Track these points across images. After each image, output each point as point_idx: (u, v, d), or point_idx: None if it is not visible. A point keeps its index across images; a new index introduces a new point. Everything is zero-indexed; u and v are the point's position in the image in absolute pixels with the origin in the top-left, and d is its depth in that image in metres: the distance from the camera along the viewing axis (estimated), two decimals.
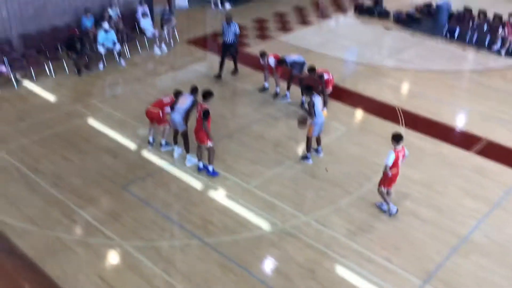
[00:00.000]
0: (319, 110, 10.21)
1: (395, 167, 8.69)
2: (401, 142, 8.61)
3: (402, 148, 8.68)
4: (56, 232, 8.44)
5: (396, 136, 8.63)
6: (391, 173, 8.70)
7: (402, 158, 8.74)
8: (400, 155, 8.65)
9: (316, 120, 10.14)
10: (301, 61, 12.64)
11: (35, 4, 14.50)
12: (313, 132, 10.30)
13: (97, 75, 14.14)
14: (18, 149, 10.65)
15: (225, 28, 13.74)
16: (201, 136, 9.72)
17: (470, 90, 14.21)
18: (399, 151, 8.62)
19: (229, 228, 8.70)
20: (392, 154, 8.55)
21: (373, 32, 18.19)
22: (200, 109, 9.58)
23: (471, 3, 19.73)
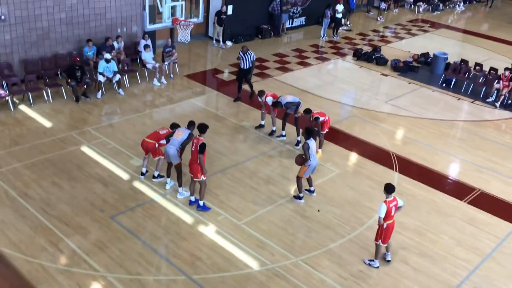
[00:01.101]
0: (314, 153, 10.26)
1: (389, 219, 8.54)
2: (392, 192, 8.51)
3: (394, 198, 8.56)
4: (40, 260, 8.25)
5: (388, 187, 8.53)
6: (386, 224, 8.54)
7: (395, 209, 8.60)
8: (393, 206, 8.51)
9: (310, 162, 10.17)
10: (296, 102, 12.77)
11: (38, 31, 14.67)
12: (305, 173, 10.30)
13: (95, 103, 14.17)
14: (9, 172, 10.54)
15: (241, 56, 14.84)
16: (195, 169, 9.66)
17: (464, 139, 14.32)
18: (390, 202, 8.49)
19: (217, 265, 8.54)
20: (384, 206, 8.41)
21: (371, 78, 18.45)
22: (197, 142, 9.56)
23: (467, 56, 20.17)
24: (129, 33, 17.03)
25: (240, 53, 14.91)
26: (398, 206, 8.70)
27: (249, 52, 14.82)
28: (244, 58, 14.81)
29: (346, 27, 24.34)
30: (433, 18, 28.58)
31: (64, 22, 15.18)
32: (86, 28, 15.75)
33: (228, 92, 15.80)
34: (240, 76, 15.20)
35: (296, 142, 12.79)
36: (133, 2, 16.74)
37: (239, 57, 14.99)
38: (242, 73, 15.12)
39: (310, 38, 22.46)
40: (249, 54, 14.77)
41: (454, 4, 31.96)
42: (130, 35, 17.08)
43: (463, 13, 31.22)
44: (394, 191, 8.54)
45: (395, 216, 8.68)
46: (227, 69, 17.83)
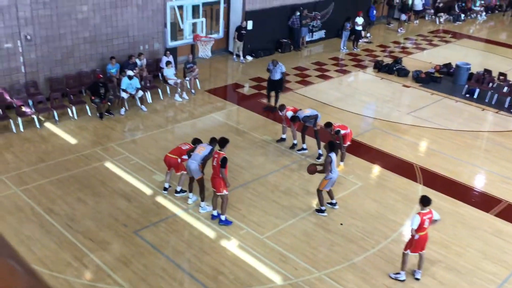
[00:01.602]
0: (335, 166, 10.27)
1: (422, 230, 8.39)
2: (428, 205, 8.39)
3: (429, 211, 8.43)
4: (65, 275, 8.35)
5: (423, 199, 8.44)
6: (418, 235, 8.40)
7: (429, 222, 8.44)
8: (427, 219, 8.36)
9: (331, 175, 10.17)
10: (314, 115, 12.75)
11: (63, 49, 15.02)
12: (325, 186, 10.30)
13: (118, 119, 14.39)
14: (35, 189, 10.74)
15: (271, 67, 15.40)
16: (217, 184, 9.70)
17: (489, 150, 14.08)
18: (425, 214, 8.35)
19: (240, 280, 8.52)
20: (417, 217, 8.29)
21: (392, 89, 18.34)
22: (218, 156, 9.61)
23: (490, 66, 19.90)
24: (151, 50, 17.31)
25: (270, 65, 15.45)
26: (433, 219, 8.51)
27: (279, 64, 15.38)
28: (274, 70, 15.35)
29: (366, 39, 24.30)
30: (454, 28, 28.33)
31: (88, 41, 15.52)
32: (109, 46, 16.07)
33: (249, 106, 15.88)
34: (270, 87, 15.79)
35: (318, 155, 12.75)
36: (155, 19, 17.05)
37: (269, 69, 15.46)
38: (271, 84, 15.67)
39: (330, 51, 22.48)
40: (279, 66, 15.32)
41: (475, 14, 31.65)
42: (152, 52, 17.36)
43: (485, 23, 30.88)
44: (429, 203, 8.42)
45: (428, 229, 8.52)
46: (247, 84, 17.95)
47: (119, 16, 16.02)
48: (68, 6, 14.69)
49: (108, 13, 15.71)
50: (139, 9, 16.46)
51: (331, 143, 10.43)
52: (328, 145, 10.35)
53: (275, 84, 15.62)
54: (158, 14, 17.05)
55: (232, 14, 20.17)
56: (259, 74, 18.76)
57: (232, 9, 20.15)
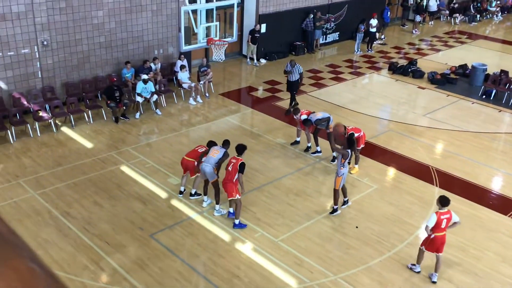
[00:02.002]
0: (346, 163, 10.28)
1: (439, 231, 8.34)
2: (446, 205, 8.33)
3: (448, 211, 8.37)
4: (82, 278, 8.43)
5: (441, 199, 8.40)
6: (433, 235, 8.37)
7: (447, 222, 8.37)
8: (444, 219, 8.30)
9: (343, 171, 10.16)
10: (326, 117, 12.70)
11: (79, 55, 15.20)
12: (340, 184, 10.26)
13: (133, 123, 14.51)
14: (52, 192, 10.87)
15: (289, 68, 15.47)
16: (230, 189, 9.72)
17: (507, 152, 13.89)
18: (442, 214, 8.30)
19: (255, 283, 8.51)
20: (434, 216, 8.26)
21: (407, 91, 18.21)
22: (236, 162, 9.64)
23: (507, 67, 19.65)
24: (166, 54, 17.43)
25: (288, 65, 15.54)
26: (452, 221, 8.42)
27: (297, 65, 15.47)
28: (292, 71, 15.45)
29: (381, 41, 24.18)
30: (470, 29, 28.05)
31: (104, 46, 15.69)
32: (125, 51, 16.22)
33: (263, 109, 15.89)
34: (291, 89, 15.96)
35: (332, 158, 12.70)
36: (169, 24, 17.17)
37: (286, 71, 15.58)
38: (290, 85, 15.83)
39: (344, 53, 22.41)
40: (297, 67, 15.44)
41: (491, 15, 31.31)
42: (167, 56, 17.48)
43: (501, 23, 30.52)
44: (448, 204, 8.36)
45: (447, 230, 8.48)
46: (261, 87, 17.96)
47: (134, 21, 16.17)
48: (83, 12, 14.87)
49: (123, 18, 15.87)
50: (153, 14, 16.60)
51: (350, 140, 10.40)
52: (347, 141, 10.36)
53: (292, 85, 15.76)
54: (172, 19, 17.17)
55: (246, 18, 20.22)
56: (273, 77, 18.78)
57: (246, 12, 20.21)
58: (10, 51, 13.77)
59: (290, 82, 15.76)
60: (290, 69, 15.46)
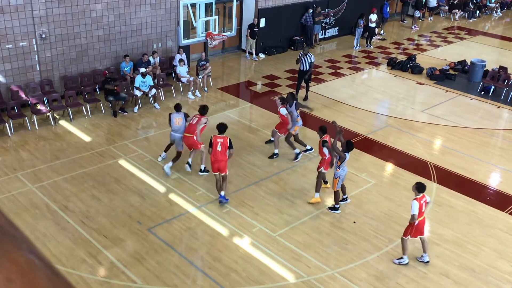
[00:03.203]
0: (344, 165, 10.11)
1: (421, 215, 8.71)
2: (423, 191, 8.70)
3: (423, 195, 8.73)
4: (80, 272, 8.44)
5: (419, 185, 8.75)
6: (417, 221, 8.70)
7: (425, 206, 8.77)
8: (423, 203, 8.68)
9: (339, 172, 10.08)
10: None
11: (77, 48, 15.15)
12: (337, 185, 10.20)
13: (132, 117, 14.48)
14: (50, 186, 10.86)
15: (302, 58, 15.61)
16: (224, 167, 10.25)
17: (505, 148, 13.91)
18: (421, 199, 8.66)
19: (252, 277, 8.54)
20: (416, 203, 8.59)
21: (406, 87, 18.20)
22: (223, 140, 10.19)
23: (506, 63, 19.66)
24: (164, 48, 17.39)
25: (300, 54, 15.75)
26: (427, 202, 8.85)
27: (309, 54, 15.59)
28: (304, 60, 15.55)
29: (380, 36, 24.15)
30: (469, 25, 28.02)
31: (102, 39, 15.64)
32: (123, 44, 16.17)
33: (261, 104, 15.88)
34: (300, 78, 15.96)
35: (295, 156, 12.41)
36: (168, 18, 17.11)
37: (299, 59, 15.70)
38: (301, 75, 15.87)
39: (343, 48, 22.37)
40: (309, 56, 15.56)
41: (491, 10, 31.27)
42: (165, 50, 17.43)
43: (501, 19, 30.50)
44: (425, 190, 8.72)
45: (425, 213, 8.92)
46: (260, 82, 17.94)
47: (132, 15, 16.11)
48: (82, 5, 14.80)
49: (122, 12, 15.81)
50: (152, 7, 16.54)
51: (349, 143, 10.16)
52: (346, 145, 10.10)
53: (304, 75, 15.82)
54: (171, 12, 17.12)
55: (245, 12, 20.17)
56: (271, 71, 18.75)
57: (245, 6, 20.15)
58: (8, 44, 13.72)
59: (301, 71, 15.87)
60: (303, 58, 15.57)
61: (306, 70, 15.67)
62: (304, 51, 15.64)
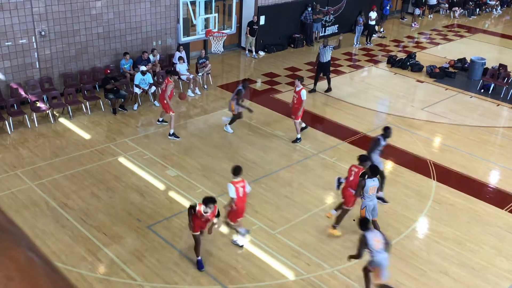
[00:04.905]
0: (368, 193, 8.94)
1: (238, 200, 8.69)
2: (238, 174, 8.70)
3: (242, 180, 8.74)
4: (79, 269, 8.44)
5: (234, 168, 8.80)
6: (235, 206, 8.70)
7: (244, 191, 8.74)
8: (240, 187, 8.67)
9: (365, 202, 9.01)
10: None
11: (77, 45, 15.13)
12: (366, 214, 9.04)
13: (131, 114, 14.47)
14: (50, 183, 10.86)
15: (321, 50, 15.82)
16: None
17: (504, 146, 13.92)
18: (237, 183, 8.66)
19: (252, 275, 8.54)
20: (231, 186, 8.61)
21: (406, 85, 18.19)
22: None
23: (506, 61, 19.65)
24: (164, 46, 17.37)
25: (320, 47, 15.91)
26: (245, 187, 8.78)
27: (328, 45, 15.72)
28: (324, 52, 15.61)
29: (380, 34, 24.12)
30: (469, 23, 28.00)
31: (102, 37, 15.62)
32: (123, 42, 16.16)
33: (261, 102, 15.87)
34: (319, 70, 16.07)
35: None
36: (168, 15, 17.09)
37: (319, 52, 15.87)
38: (321, 67, 15.95)
39: (343, 46, 22.21)
40: (328, 48, 15.63)
41: (491, 8, 31.25)
42: (165, 48, 17.41)
43: (501, 17, 30.48)
44: (239, 173, 8.70)
45: (247, 199, 9.05)
46: (259, 79, 17.93)
47: (132, 12, 16.09)
48: (81, 2, 14.78)
49: (122, 9, 15.78)
50: (152, 4, 16.51)
51: (373, 167, 9.03)
52: (370, 170, 8.98)
53: (324, 67, 15.84)
54: (171, 10, 17.09)
55: (245, 10, 20.14)
56: (271, 69, 18.74)
57: (245, 4, 20.12)
58: (8, 41, 13.70)
59: (321, 64, 15.90)
60: (322, 49, 15.60)
61: (326, 62, 15.72)
62: (324, 43, 15.65)
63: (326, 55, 15.70)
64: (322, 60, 15.90)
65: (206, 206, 8.12)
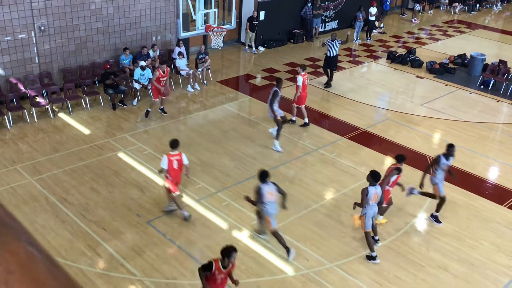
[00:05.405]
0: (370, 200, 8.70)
1: (172, 172, 9.26)
2: (175, 147, 9.28)
3: (178, 154, 9.29)
4: (79, 264, 8.45)
5: (172, 142, 9.38)
6: (170, 176, 9.25)
7: (178, 164, 9.26)
8: (174, 160, 9.20)
9: (365, 210, 8.78)
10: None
11: (76, 40, 15.09)
12: (366, 226, 8.82)
13: (131, 110, 14.46)
14: (49, 178, 10.86)
15: (329, 44, 15.86)
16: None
17: (504, 142, 13.92)
18: (172, 156, 9.22)
19: (251, 270, 8.56)
20: (165, 157, 9.23)
21: (405, 80, 18.18)
22: None
23: (506, 57, 19.64)
24: (164, 41, 17.33)
25: (328, 41, 15.91)
26: (184, 163, 9.34)
27: (336, 40, 15.73)
28: (331, 46, 15.62)
29: (380, 30, 24.09)
30: (469, 19, 27.96)
31: (101, 32, 15.58)
32: (122, 37, 16.12)
33: (261, 97, 15.85)
34: (326, 64, 16.10)
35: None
36: (167, 10, 17.04)
37: (326, 44, 15.95)
38: (328, 61, 16.01)
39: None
40: (336, 42, 15.65)
41: (491, 4, 31.19)
42: (165, 43, 17.38)
43: (501, 13, 30.42)
44: (177, 146, 9.30)
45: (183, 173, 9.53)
46: (259, 75, 17.91)
47: (131, 7, 16.05)
48: None
49: (121, 4, 15.74)
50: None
51: (374, 173, 8.74)
52: (371, 174, 8.73)
53: (331, 61, 15.87)
54: (170, 5, 17.05)
55: (245, 5, 20.09)
56: (271, 65, 18.71)
57: None
58: (7, 36, 13.67)
59: (328, 58, 15.90)
60: (330, 43, 15.57)
61: (334, 56, 15.71)
62: (332, 37, 15.62)
63: (334, 49, 15.65)
64: (329, 55, 15.91)
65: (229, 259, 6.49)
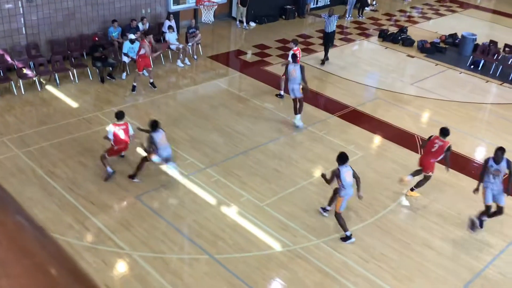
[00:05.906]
0: (346, 181, 8.61)
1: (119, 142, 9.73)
2: (120, 118, 9.76)
3: (124, 123, 9.76)
4: (67, 237, 8.45)
5: (116, 113, 9.83)
6: (117, 147, 9.81)
7: (125, 134, 9.71)
8: (121, 130, 9.65)
9: (345, 191, 8.68)
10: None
11: (64, 11, 14.80)
12: (341, 207, 8.78)
13: (119, 83, 14.30)
14: (37, 151, 10.77)
15: (327, 20, 15.78)
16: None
17: (492, 123, 14.03)
18: (118, 125, 9.68)
19: (239, 245, 8.63)
20: (110, 126, 9.70)
21: (396, 59, 18.15)
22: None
23: (496, 37, 19.65)
24: (154, 14, 17.06)
25: (325, 15, 15.75)
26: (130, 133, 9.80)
27: (333, 15, 15.62)
28: (329, 21, 15.52)
29: (372, 7, 23.92)
30: None
31: (89, 3, 15.28)
32: (111, 8, 15.84)
33: (251, 73, 15.75)
34: (326, 40, 16.06)
35: None
36: None
37: (323, 17, 15.84)
38: (327, 37, 15.94)
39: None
40: (333, 18, 15.53)
41: None
42: (154, 16, 17.11)
43: None
44: (121, 117, 9.79)
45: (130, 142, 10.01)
46: (250, 50, 17.76)
47: None
48: None
49: None
50: None
51: (342, 154, 8.61)
52: (338, 156, 8.61)
53: (328, 37, 15.81)
54: None
55: None
56: (262, 41, 18.55)
57: None
58: None
59: (326, 34, 15.80)
60: (327, 19, 15.46)
61: (331, 32, 15.66)
62: (329, 12, 15.49)
63: (332, 25, 15.55)
64: (327, 30, 15.82)
65: None
